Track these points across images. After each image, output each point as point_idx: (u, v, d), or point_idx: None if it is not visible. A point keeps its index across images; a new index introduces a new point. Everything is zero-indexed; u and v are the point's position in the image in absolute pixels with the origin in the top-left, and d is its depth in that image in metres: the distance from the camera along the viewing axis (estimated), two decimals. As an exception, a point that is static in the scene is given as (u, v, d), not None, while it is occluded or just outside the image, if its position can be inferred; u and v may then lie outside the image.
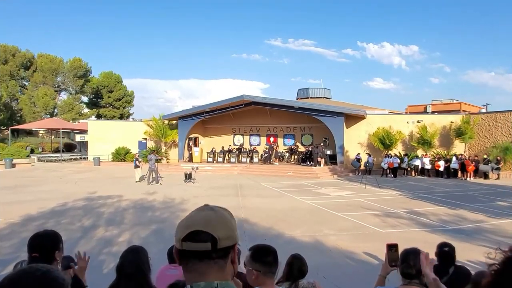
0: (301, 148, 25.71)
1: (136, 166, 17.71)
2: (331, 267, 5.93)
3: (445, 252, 3.06)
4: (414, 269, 2.07)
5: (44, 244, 2.13)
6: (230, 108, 24.83)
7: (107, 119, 42.64)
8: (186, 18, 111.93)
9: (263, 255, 1.97)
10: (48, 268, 0.96)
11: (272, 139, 27.14)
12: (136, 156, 18.68)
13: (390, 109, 31.25)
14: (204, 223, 1.01)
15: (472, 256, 5.71)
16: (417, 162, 21.00)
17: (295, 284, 2.55)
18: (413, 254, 2.15)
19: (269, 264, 1.96)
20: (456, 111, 28.70)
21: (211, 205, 1.10)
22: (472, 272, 2.84)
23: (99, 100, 46.85)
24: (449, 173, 20.05)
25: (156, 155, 17.37)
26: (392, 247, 2.21)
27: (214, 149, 25.76)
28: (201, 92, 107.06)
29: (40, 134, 43.20)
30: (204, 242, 0.98)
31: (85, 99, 47.10)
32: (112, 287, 2.19)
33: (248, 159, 24.52)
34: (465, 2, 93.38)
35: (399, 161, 20.83)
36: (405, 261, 2.12)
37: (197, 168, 18.51)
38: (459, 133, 21.29)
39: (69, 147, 38.84)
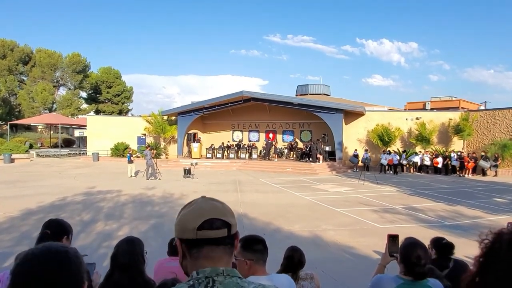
0: (300, 144, 25.74)
1: (130, 162, 17.73)
2: (329, 262, 5.97)
3: (445, 244, 3.07)
4: (423, 267, 2.04)
5: (55, 229, 2.23)
6: (229, 104, 24.82)
7: (106, 114, 42.56)
8: (185, 14, 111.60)
9: (253, 244, 2.04)
10: (65, 246, 1.02)
11: (271, 135, 27.15)
12: (130, 152, 18.68)
13: (389, 106, 31.30)
14: (215, 211, 1.05)
15: (470, 251, 5.77)
16: (416, 159, 21.07)
17: (295, 275, 2.59)
18: (416, 248, 2.09)
19: (260, 251, 2.03)
20: (455, 108, 28.75)
21: (209, 197, 1.14)
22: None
23: (98, 95, 46.73)
24: (447, 170, 20.13)
25: (151, 150, 17.32)
26: (393, 238, 2.23)
27: (213, 145, 25.80)
28: (200, 88, 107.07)
29: (39, 129, 43.14)
30: (220, 229, 1.03)
31: (84, 94, 47.01)
32: (107, 277, 2.21)
33: (247, 155, 24.55)
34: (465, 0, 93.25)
35: (398, 157, 20.89)
36: (410, 257, 2.04)
37: (196, 164, 18.54)
38: (458, 130, 21.34)
39: (68, 143, 38.81)
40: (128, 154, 18.21)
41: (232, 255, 1.08)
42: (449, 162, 20.17)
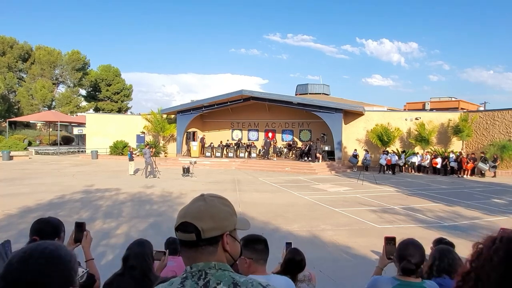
0: (299, 144, 25.74)
1: (131, 159, 17.74)
2: (327, 261, 5.97)
3: (447, 244, 3.07)
4: (413, 264, 2.06)
5: (45, 229, 2.17)
6: (228, 103, 24.80)
7: (105, 112, 42.51)
8: (185, 13, 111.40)
9: (254, 243, 2.06)
10: (55, 245, 0.99)
11: (270, 134, 27.15)
12: (130, 150, 18.70)
13: (388, 106, 31.31)
14: (193, 214, 1.11)
15: (468, 252, 5.77)
16: (414, 159, 21.09)
17: (293, 278, 2.57)
18: (411, 246, 2.12)
19: (260, 251, 2.04)
20: (455, 109, 28.76)
21: (207, 194, 1.19)
22: None
23: (97, 93, 46.66)
24: (446, 170, 20.15)
25: (150, 149, 17.30)
26: (390, 240, 2.23)
27: (212, 144, 25.79)
28: (200, 86, 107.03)
29: (38, 127, 43.04)
30: (189, 233, 1.09)
31: (83, 92, 46.94)
32: (118, 275, 2.35)
33: (246, 154, 24.55)
34: (465, 0, 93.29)
35: (397, 158, 20.90)
36: (404, 257, 2.07)
37: (195, 163, 18.53)
38: (457, 130, 21.35)
39: (67, 140, 38.75)
40: (129, 152, 18.24)
41: (213, 255, 1.10)
42: (447, 163, 20.20)
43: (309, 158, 22.05)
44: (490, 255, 0.87)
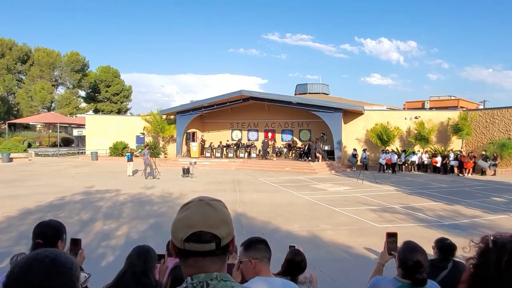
0: (299, 144, 25.74)
1: (130, 160, 17.74)
2: (327, 261, 5.97)
3: (446, 244, 3.06)
4: (423, 273, 2.03)
5: (47, 233, 2.17)
6: (228, 103, 24.79)
7: (105, 113, 42.49)
8: (184, 13, 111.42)
9: (256, 243, 2.08)
10: (56, 253, 0.98)
11: (270, 134, 27.15)
12: (129, 151, 18.68)
13: (388, 105, 31.32)
14: (206, 222, 1.02)
15: (467, 251, 5.76)
16: (414, 158, 21.10)
17: (293, 279, 2.55)
18: (416, 253, 2.08)
19: (263, 250, 2.05)
20: (454, 108, 28.77)
21: (207, 199, 1.10)
22: None
23: (96, 94, 46.66)
24: (446, 169, 20.16)
25: (149, 150, 17.28)
26: (391, 236, 2.23)
27: (212, 144, 25.78)
28: (199, 87, 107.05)
29: (38, 129, 43.06)
30: (208, 243, 1.01)
31: (82, 93, 46.95)
32: (122, 273, 2.43)
33: (246, 154, 24.55)
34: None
35: (397, 157, 20.90)
36: (410, 263, 2.04)
37: (195, 163, 18.52)
38: (457, 129, 21.36)
39: (66, 142, 38.76)
40: (129, 153, 18.22)
41: (223, 263, 1.07)
42: (447, 162, 20.20)
43: (309, 158, 22.04)
44: (500, 262, 0.87)
